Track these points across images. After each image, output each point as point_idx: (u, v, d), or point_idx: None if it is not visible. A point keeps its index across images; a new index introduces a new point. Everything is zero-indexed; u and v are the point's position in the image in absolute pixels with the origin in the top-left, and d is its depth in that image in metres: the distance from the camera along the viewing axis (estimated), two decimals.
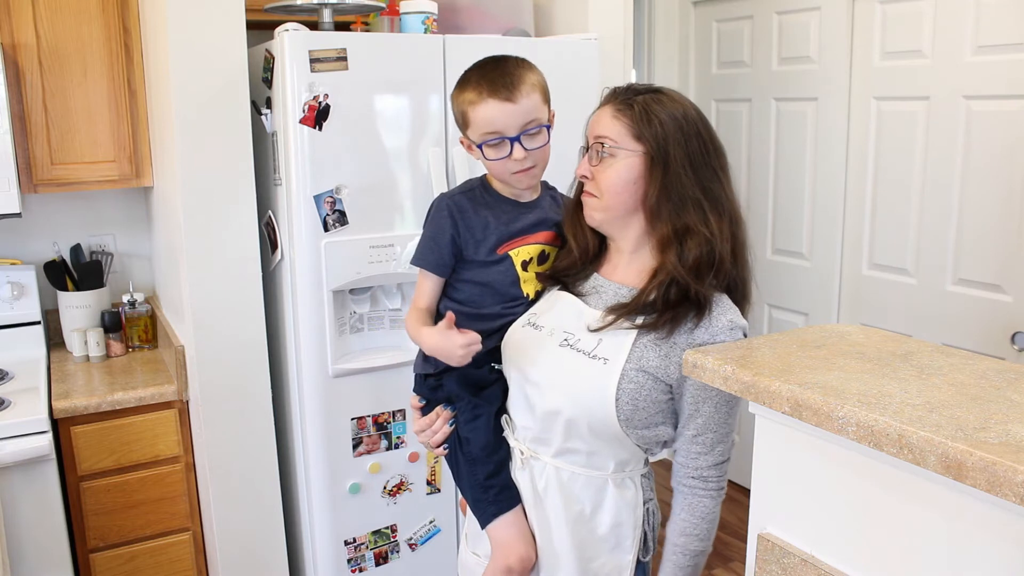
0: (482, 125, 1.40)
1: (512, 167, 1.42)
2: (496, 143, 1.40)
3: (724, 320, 1.35)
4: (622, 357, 1.32)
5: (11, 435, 2.09)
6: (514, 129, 1.40)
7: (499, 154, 1.41)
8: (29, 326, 2.63)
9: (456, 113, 1.46)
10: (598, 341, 1.34)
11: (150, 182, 2.53)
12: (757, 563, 1.28)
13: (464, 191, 1.50)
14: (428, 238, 1.48)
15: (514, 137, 1.40)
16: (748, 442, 1.97)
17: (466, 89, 1.43)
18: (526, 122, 1.40)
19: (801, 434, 1.18)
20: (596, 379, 1.32)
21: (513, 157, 1.41)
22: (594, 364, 1.33)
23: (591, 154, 1.37)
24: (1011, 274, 2.53)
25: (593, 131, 1.38)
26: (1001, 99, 2.50)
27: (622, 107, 1.34)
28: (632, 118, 1.33)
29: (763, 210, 3.40)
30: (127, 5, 2.40)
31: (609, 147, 1.34)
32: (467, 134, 1.45)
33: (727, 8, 3.45)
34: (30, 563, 2.15)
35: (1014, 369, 1.15)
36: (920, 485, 1.01)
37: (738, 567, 3.04)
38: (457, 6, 2.45)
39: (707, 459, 1.40)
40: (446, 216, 1.46)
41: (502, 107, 1.39)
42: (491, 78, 1.41)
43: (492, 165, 1.44)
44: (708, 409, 1.35)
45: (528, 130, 1.41)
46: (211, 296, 2.13)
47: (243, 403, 2.21)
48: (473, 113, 1.40)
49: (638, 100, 1.34)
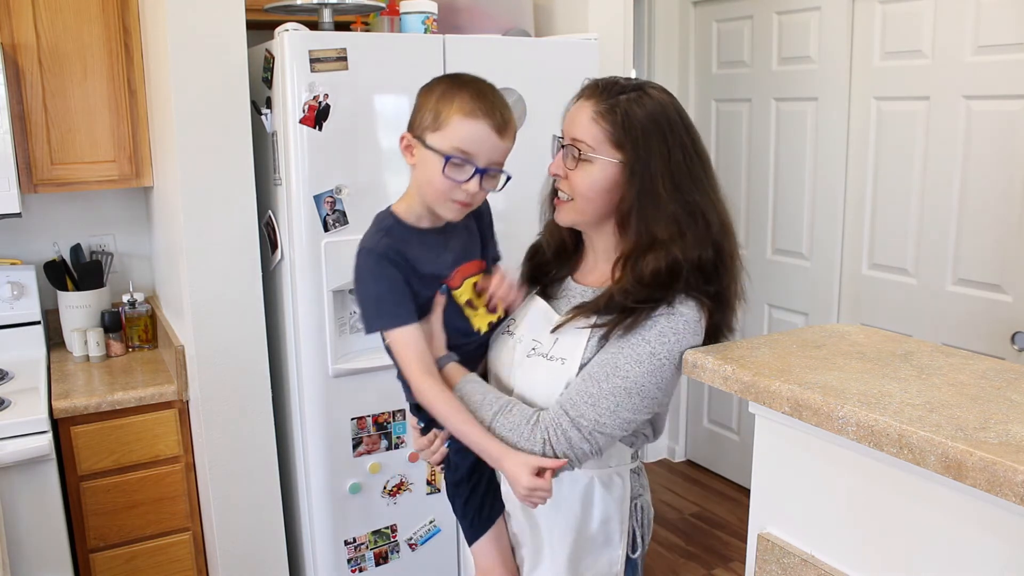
0: (460, 139, 1.28)
1: (457, 195, 1.31)
2: (459, 163, 1.29)
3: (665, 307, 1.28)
4: (577, 354, 1.30)
5: (11, 435, 2.09)
6: (485, 161, 1.30)
7: (456, 176, 1.29)
8: (29, 326, 2.63)
9: (428, 110, 1.31)
10: (555, 340, 1.33)
11: (150, 182, 2.53)
12: (757, 563, 1.28)
13: (386, 236, 1.35)
14: (385, 294, 1.32)
15: (481, 169, 1.30)
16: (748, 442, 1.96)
17: (461, 95, 1.30)
18: (497, 161, 1.33)
19: (801, 434, 1.18)
20: (553, 380, 1.31)
21: (466, 187, 1.30)
22: (552, 365, 1.32)
23: (566, 155, 1.31)
24: (1011, 274, 2.53)
25: (570, 131, 1.31)
26: (1001, 99, 2.50)
27: (603, 110, 1.28)
28: (613, 123, 1.27)
29: (763, 210, 3.40)
30: (127, 5, 2.40)
31: (585, 152, 1.28)
32: (430, 136, 1.30)
33: (727, 8, 3.45)
34: (30, 563, 2.15)
35: (1014, 369, 1.15)
36: (920, 485, 1.01)
37: (738, 567, 3.04)
38: (457, 6, 2.45)
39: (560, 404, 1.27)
40: (389, 265, 1.31)
41: (490, 135, 1.29)
42: (492, 101, 1.31)
43: (436, 181, 1.30)
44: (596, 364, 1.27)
45: (492, 169, 1.32)
46: (211, 296, 2.13)
47: (243, 403, 2.21)
48: (459, 124, 1.28)
49: (620, 102, 1.27)
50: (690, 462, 3.97)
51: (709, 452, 3.85)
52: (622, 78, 1.34)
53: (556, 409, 1.27)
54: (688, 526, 3.37)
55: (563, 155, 1.32)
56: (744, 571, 1.35)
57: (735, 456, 3.64)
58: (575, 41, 2.37)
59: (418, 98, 1.35)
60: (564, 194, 1.34)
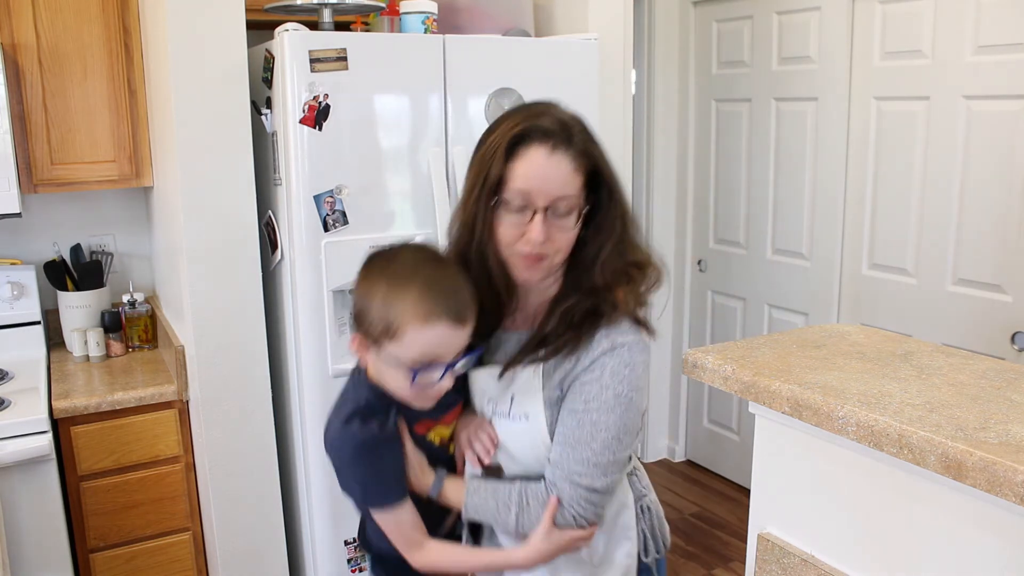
0: (422, 348, 1.14)
1: (430, 392, 1.19)
2: (427, 369, 1.15)
3: (605, 343, 1.25)
4: (539, 407, 1.26)
5: (11, 435, 2.09)
6: (453, 355, 1.17)
7: (426, 381, 1.16)
8: (29, 326, 2.63)
9: (376, 318, 1.15)
10: (511, 399, 1.27)
11: (150, 182, 2.53)
12: (757, 563, 1.28)
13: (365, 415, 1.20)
14: (374, 475, 1.21)
15: (451, 364, 1.17)
16: (748, 442, 1.97)
17: (408, 295, 1.13)
18: (463, 348, 1.19)
19: (801, 434, 1.18)
20: (529, 442, 1.27)
21: (442, 385, 1.18)
22: (517, 424, 1.28)
23: (548, 217, 1.20)
24: (1011, 274, 2.53)
25: (549, 189, 1.19)
26: (1001, 99, 2.50)
27: (578, 157, 1.21)
28: (586, 169, 1.22)
29: (763, 210, 3.40)
30: (127, 5, 2.40)
31: (567, 207, 1.20)
32: (387, 345, 1.15)
33: (727, 8, 3.45)
34: (30, 563, 2.15)
35: (1014, 369, 1.15)
36: (920, 485, 1.01)
37: (738, 567, 3.04)
38: (457, 6, 2.45)
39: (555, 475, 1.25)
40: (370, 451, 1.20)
41: (453, 332, 1.15)
42: (443, 291, 1.15)
43: (406, 389, 1.18)
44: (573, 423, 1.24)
45: (465, 356, 1.20)
46: (211, 296, 2.13)
47: (243, 403, 2.21)
48: (417, 333, 1.13)
49: (580, 140, 1.22)
50: (690, 462, 3.97)
51: (709, 452, 3.85)
52: (551, 107, 1.25)
53: (567, 487, 1.24)
54: (688, 526, 3.37)
55: (543, 219, 1.19)
56: (744, 571, 1.35)
57: (735, 456, 3.64)
58: (575, 41, 2.37)
59: (357, 296, 1.20)
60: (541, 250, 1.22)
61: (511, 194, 1.20)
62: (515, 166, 1.20)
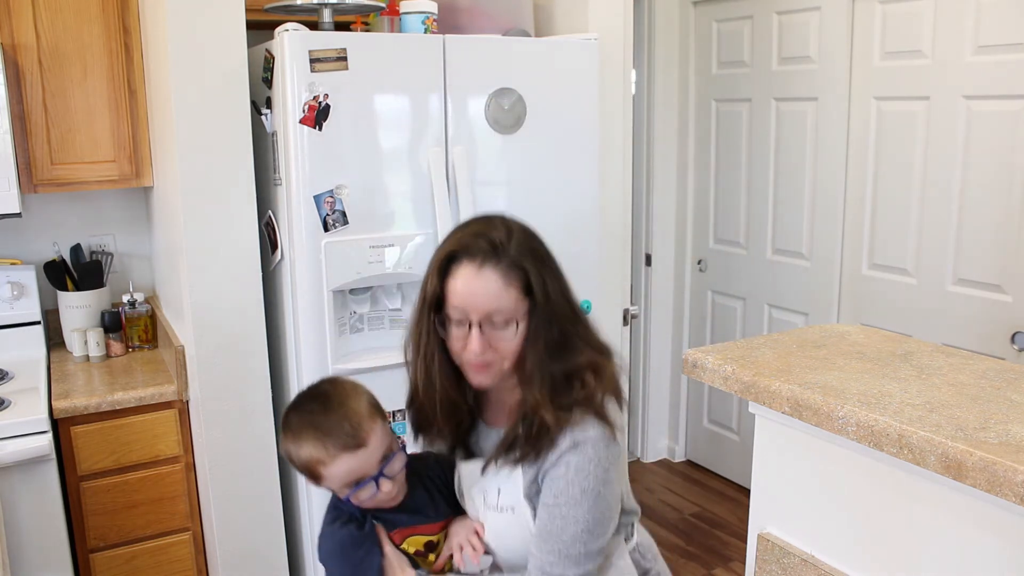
0: (341, 478, 1.30)
1: (382, 498, 1.34)
2: (358, 488, 1.31)
3: (567, 441, 1.26)
4: (521, 501, 1.30)
5: (11, 435, 2.09)
6: (375, 467, 1.31)
7: (364, 496, 1.32)
8: (29, 326, 2.63)
9: (299, 468, 1.34)
10: (497, 491, 1.32)
11: (150, 182, 2.53)
12: (757, 563, 1.28)
13: (346, 520, 1.37)
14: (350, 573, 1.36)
15: (377, 475, 1.31)
16: (748, 442, 1.97)
17: (303, 444, 1.30)
18: (384, 454, 1.32)
19: (801, 434, 1.18)
20: (511, 529, 1.31)
21: (383, 492, 1.32)
22: (503, 517, 1.32)
23: (485, 330, 1.26)
24: (1011, 274, 2.53)
25: (481, 305, 1.25)
26: (1001, 99, 2.50)
27: (506, 271, 1.25)
28: (520, 279, 1.26)
29: (763, 210, 3.40)
30: (127, 5, 2.40)
31: (502, 319, 1.26)
32: (321, 485, 1.34)
33: (727, 8, 3.45)
34: (30, 563, 2.15)
35: (1014, 369, 1.15)
36: (920, 485, 1.01)
37: (738, 567, 3.04)
38: (457, 6, 2.45)
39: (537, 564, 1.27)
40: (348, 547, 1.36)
41: (354, 458, 1.29)
42: (328, 430, 1.29)
43: (355, 502, 1.34)
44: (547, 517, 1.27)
45: (386, 464, 1.32)
46: (211, 296, 2.13)
47: (243, 403, 2.21)
48: (329, 471, 1.30)
49: (513, 256, 1.26)
50: (690, 462, 3.97)
51: (709, 452, 3.85)
52: (479, 221, 1.31)
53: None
54: (688, 526, 3.37)
55: (481, 331, 1.26)
56: (744, 571, 1.35)
57: (735, 456, 3.64)
58: (575, 41, 2.37)
59: (282, 452, 1.38)
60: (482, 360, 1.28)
61: (451, 309, 1.28)
62: (449, 283, 1.28)
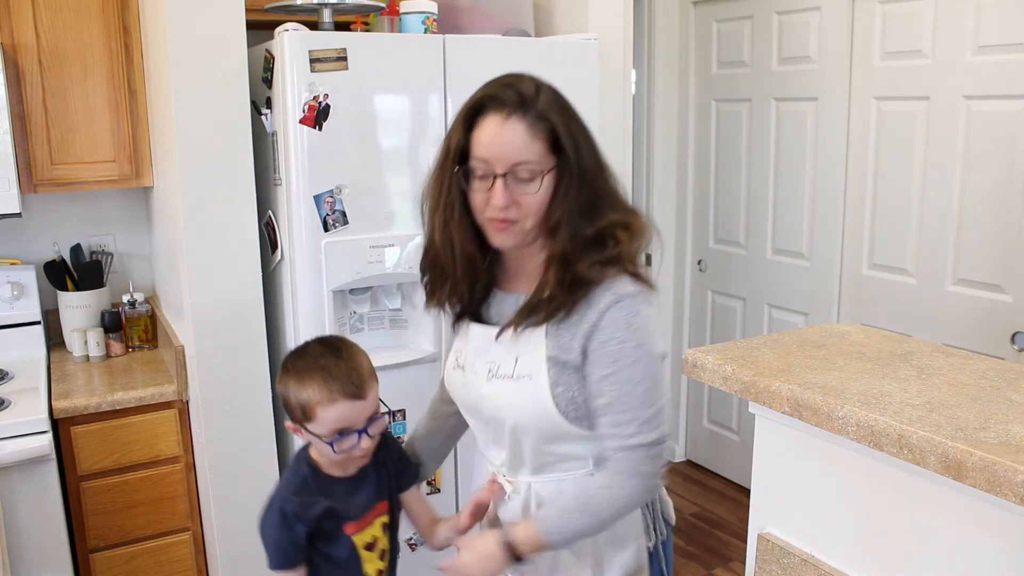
0: (331, 423, 1.38)
1: (356, 454, 1.42)
2: (342, 436, 1.39)
3: (608, 295, 1.27)
4: (542, 366, 1.30)
5: (11, 435, 2.09)
6: (362, 422, 1.40)
7: (345, 447, 1.40)
8: (29, 326, 2.63)
9: (294, 406, 1.40)
10: (515, 360, 1.32)
11: (150, 182, 2.53)
12: (757, 563, 1.28)
13: (297, 488, 1.45)
14: (287, 543, 1.43)
15: (362, 429, 1.40)
16: (748, 442, 1.97)
17: (309, 385, 1.37)
18: (372, 413, 1.42)
19: (801, 434, 1.18)
20: (531, 400, 1.30)
21: (360, 447, 1.41)
22: (521, 385, 1.31)
23: (509, 183, 1.25)
24: (1011, 274, 2.53)
25: (506, 155, 1.24)
26: (1001, 99, 2.50)
27: (533, 122, 1.25)
28: (546, 132, 1.26)
29: (763, 210, 3.40)
30: (127, 5, 2.40)
31: (528, 173, 1.25)
32: (308, 425, 1.39)
33: (727, 8, 3.45)
34: (30, 563, 2.15)
35: (1014, 369, 1.15)
36: (920, 485, 1.01)
37: (738, 567, 3.04)
38: (457, 6, 2.45)
39: (616, 444, 1.29)
40: (291, 520, 1.41)
41: (353, 406, 1.38)
42: (338, 375, 1.38)
43: (332, 456, 1.41)
44: (610, 390, 1.28)
45: (372, 421, 1.42)
46: (211, 296, 2.13)
47: (243, 403, 2.21)
48: (323, 412, 1.37)
49: (539, 107, 1.26)
50: (690, 462, 3.97)
51: (709, 452, 3.85)
52: (508, 75, 1.31)
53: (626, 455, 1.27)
54: (688, 526, 3.37)
55: (504, 185, 1.25)
56: (744, 571, 1.35)
57: (735, 456, 3.63)
58: (575, 41, 2.37)
59: (279, 389, 1.43)
60: (505, 214, 1.27)
61: (475, 162, 1.27)
62: (474, 135, 1.27)
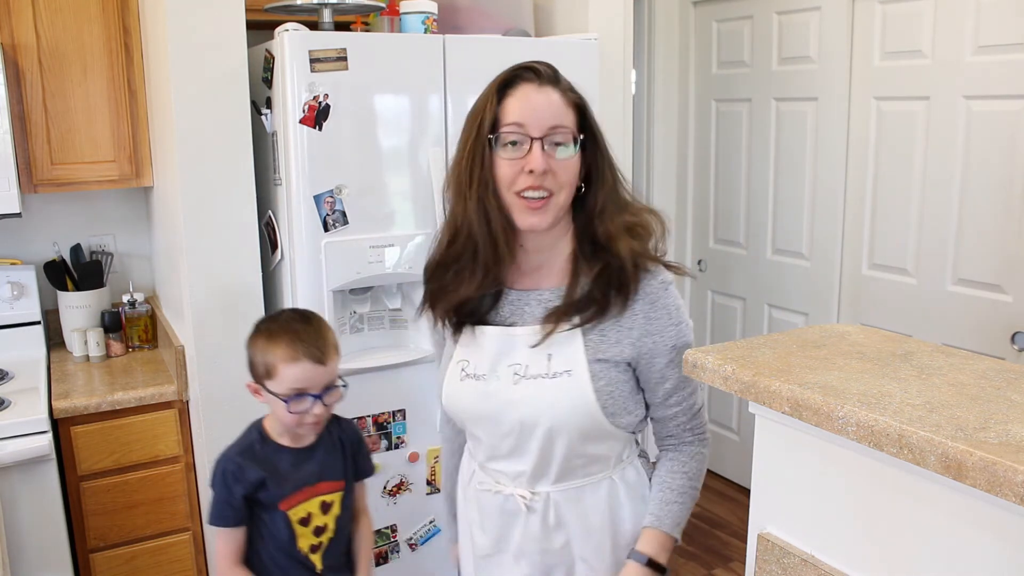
0: (291, 382, 1.48)
1: (307, 419, 1.52)
2: (299, 398, 1.49)
3: (655, 282, 1.29)
4: (581, 360, 1.27)
5: (11, 435, 2.09)
6: (319, 388, 1.51)
7: (299, 408, 1.50)
8: (29, 326, 2.63)
9: (259, 363, 1.51)
10: (548, 357, 1.28)
11: (150, 182, 2.53)
12: (757, 563, 1.28)
13: (242, 450, 1.57)
14: (220, 500, 1.54)
15: (318, 395, 1.50)
16: (748, 442, 1.97)
17: (277, 344, 1.49)
18: (330, 381, 1.53)
19: (801, 434, 1.18)
20: (571, 395, 1.27)
21: (312, 412, 1.50)
22: (560, 382, 1.28)
23: (546, 148, 1.22)
24: (1011, 274, 2.53)
25: (543, 119, 1.21)
26: (1001, 99, 2.50)
27: (566, 94, 1.25)
28: (576, 107, 1.26)
29: (763, 210, 3.40)
30: (127, 5, 2.40)
31: (564, 137, 1.23)
32: (267, 384, 1.50)
33: (727, 8, 3.45)
34: (30, 563, 2.15)
35: (1014, 369, 1.15)
36: (920, 485, 1.01)
37: (738, 567, 3.04)
38: (457, 6, 2.45)
39: (686, 416, 1.38)
40: (229, 479, 1.53)
41: (314, 368, 1.49)
42: (305, 339, 1.50)
43: (287, 416, 1.51)
44: (674, 372, 1.33)
45: (328, 390, 1.53)
46: (211, 296, 2.13)
47: (243, 403, 2.19)
48: (285, 369, 1.47)
49: (564, 83, 1.27)
50: None
51: (709, 452, 3.85)
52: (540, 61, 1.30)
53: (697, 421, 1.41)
54: (688, 526, 3.35)
55: (540, 149, 1.21)
56: (744, 571, 1.35)
57: (735, 456, 3.63)
58: (575, 41, 2.37)
59: (248, 350, 1.56)
60: (540, 193, 1.23)
61: (507, 130, 1.23)
62: (506, 104, 1.25)
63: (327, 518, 1.58)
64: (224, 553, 1.56)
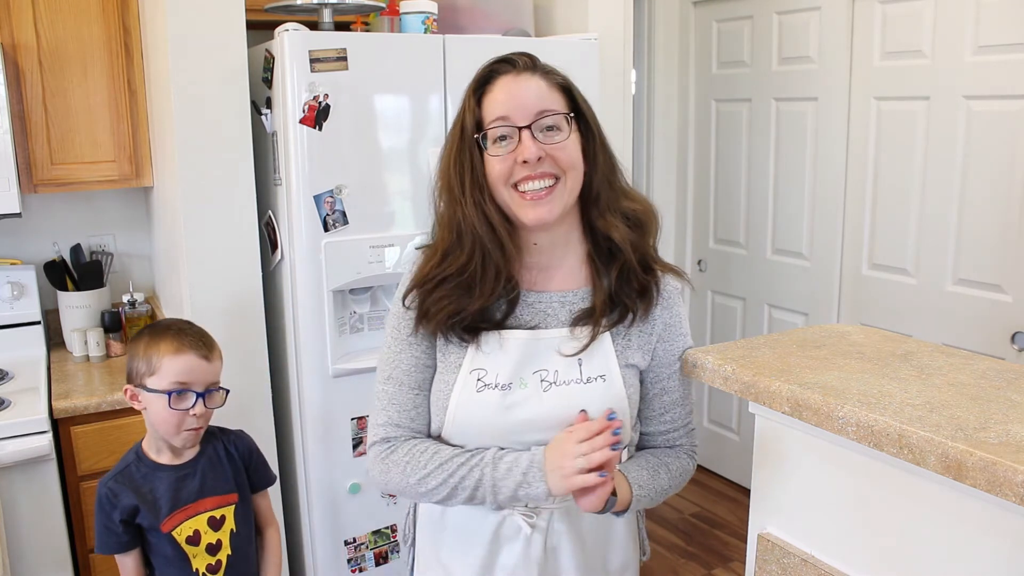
0: (174, 375, 1.49)
1: (188, 423, 1.52)
2: (181, 394, 1.50)
3: (671, 288, 1.29)
4: (614, 365, 1.23)
5: (11, 435, 2.09)
6: (202, 386, 1.53)
7: (181, 405, 1.50)
8: (29, 326, 2.62)
9: (140, 362, 1.52)
10: (579, 362, 1.21)
11: (150, 182, 2.53)
12: (757, 563, 1.28)
13: (117, 473, 1.56)
14: (102, 526, 1.54)
15: (201, 393, 1.52)
16: (748, 442, 1.97)
17: (164, 339, 1.52)
18: (213, 382, 1.55)
19: (801, 434, 1.18)
20: (607, 402, 1.20)
21: (193, 412, 1.51)
22: (594, 388, 1.21)
23: (536, 134, 1.16)
24: (1011, 274, 2.53)
25: (527, 105, 1.16)
26: (1001, 99, 2.50)
27: (548, 77, 1.21)
28: (562, 89, 1.22)
29: (763, 210, 3.40)
30: (127, 5, 2.40)
31: (555, 120, 1.18)
32: (148, 380, 1.50)
33: (727, 8, 3.45)
34: (30, 563, 2.15)
35: (1014, 369, 1.15)
36: (920, 485, 1.01)
37: (738, 567, 3.04)
38: (457, 6, 2.45)
39: (679, 432, 1.35)
40: (105, 505, 1.52)
41: (199, 363, 1.52)
42: (190, 335, 1.55)
43: (166, 415, 1.50)
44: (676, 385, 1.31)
45: (211, 390, 1.54)
46: (211, 296, 2.13)
47: (242, 403, 2.21)
48: (171, 362, 1.49)
49: (543, 67, 1.22)
50: None
51: (709, 452, 3.85)
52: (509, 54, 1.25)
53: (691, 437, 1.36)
54: (688, 526, 3.37)
55: (532, 135, 1.16)
56: (744, 571, 1.35)
57: (735, 456, 3.63)
58: (575, 41, 2.37)
59: (128, 356, 1.57)
60: (540, 183, 1.17)
61: (492, 126, 1.17)
62: (486, 102, 1.19)
63: (219, 534, 1.56)
64: (129, 570, 1.57)
